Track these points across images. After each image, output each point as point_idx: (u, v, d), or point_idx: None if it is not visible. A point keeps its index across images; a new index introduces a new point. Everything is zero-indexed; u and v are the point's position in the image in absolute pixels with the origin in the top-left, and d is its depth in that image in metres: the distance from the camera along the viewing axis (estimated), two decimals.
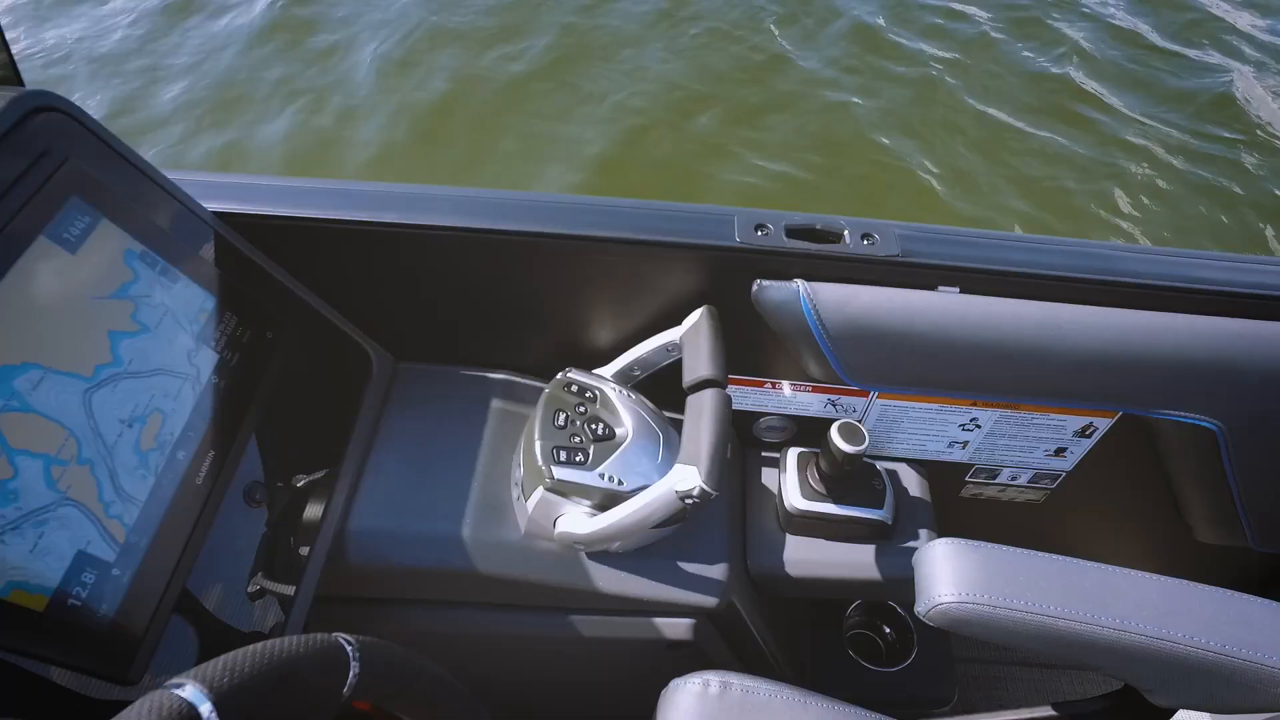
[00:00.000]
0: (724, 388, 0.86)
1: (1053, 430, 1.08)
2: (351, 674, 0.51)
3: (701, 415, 0.82)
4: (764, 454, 1.12)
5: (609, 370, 1.01)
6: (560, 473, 0.87)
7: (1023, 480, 1.16)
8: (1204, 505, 1.09)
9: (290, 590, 0.82)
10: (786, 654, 1.15)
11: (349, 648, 0.52)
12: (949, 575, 0.75)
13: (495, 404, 1.02)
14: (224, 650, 0.47)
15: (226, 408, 0.82)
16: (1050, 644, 0.74)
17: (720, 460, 0.79)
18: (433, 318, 1.01)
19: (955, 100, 3.06)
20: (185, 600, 0.72)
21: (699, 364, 0.87)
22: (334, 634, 0.53)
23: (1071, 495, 1.17)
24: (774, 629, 1.10)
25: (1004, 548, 0.77)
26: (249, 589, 0.80)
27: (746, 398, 1.08)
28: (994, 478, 1.16)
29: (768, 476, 1.09)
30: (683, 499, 0.80)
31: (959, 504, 1.21)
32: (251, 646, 0.47)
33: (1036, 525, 1.24)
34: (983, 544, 0.78)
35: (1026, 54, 3.27)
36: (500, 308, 0.99)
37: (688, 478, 0.79)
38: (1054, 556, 0.77)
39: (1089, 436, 1.08)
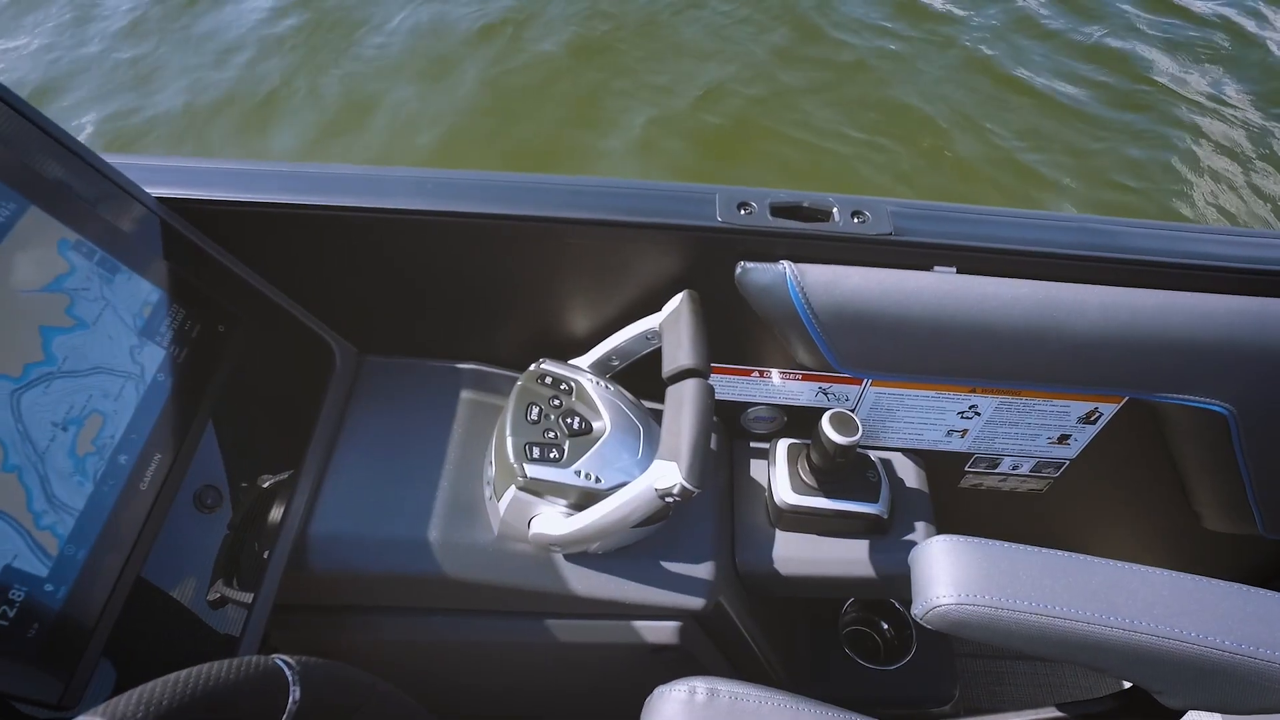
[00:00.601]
0: (706, 377, 0.82)
1: (1056, 417, 1.04)
2: (291, 699, 0.47)
3: (682, 407, 0.79)
4: (752, 445, 1.09)
5: (585, 360, 0.97)
6: (533, 470, 0.84)
7: (1025, 469, 1.13)
8: (1213, 492, 1.06)
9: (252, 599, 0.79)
10: (779, 654, 1.12)
11: (288, 670, 0.48)
12: (946, 575, 0.72)
13: (465, 398, 0.98)
14: (180, 667, 0.43)
15: (175, 407, 0.78)
16: (1055, 646, 0.71)
17: (702, 455, 0.76)
18: (398, 307, 0.98)
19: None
20: (133, 614, 0.68)
21: (679, 352, 0.83)
22: (271, 655, 0.49)
23: (1075, 484, 1.14)
24: (765, 628, 1.07)
25: (1005, 544, 0.74)
26: (209, 597, 0.76)
27: (733, 387, 1.05)
28: (995, 467, 1.13)
29: (756, 470, 1.05)
30: (663, 497, 0.76)
31: (958, 495, 1.17)
32: (173, 675, 0.43)
33: (1039, 515, 1.21)
34: (982, 541, 0.74)
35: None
36: (470, 295, 0.95)
37: (667, 475, 0.75)
38: (1058, 553, 0.74)
39: (1094, 423, 1.05)
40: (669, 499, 0.76)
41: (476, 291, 0.95)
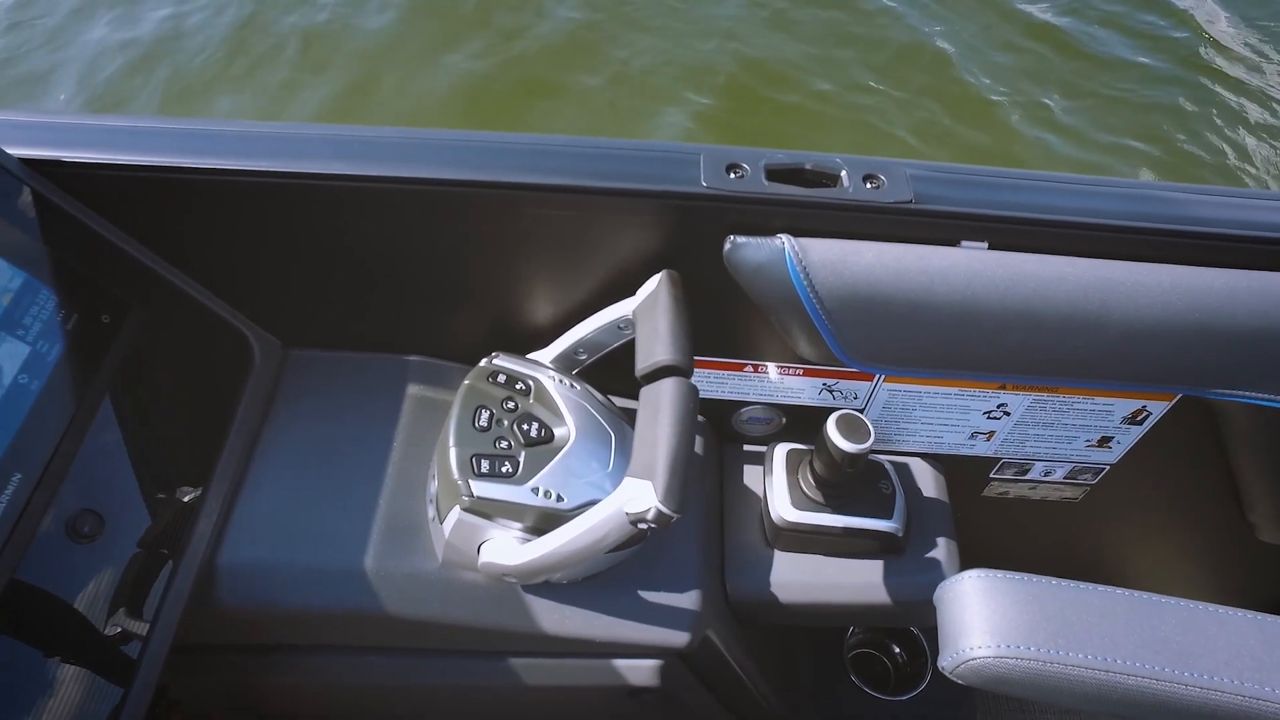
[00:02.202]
0: (688, 375, 0.70)
1: (1097, 416, 0.94)
2: None
3: (658, 413, 0.67)
4: (745, 450, 1.00)
5: (547, 355, 0.86)
6: (481, 488, 0.72)
7: (1058, 476, 1.03)
8: (1273, 501, 0.97)
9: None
10: (776, 684, 1.04)
11: None
12: (982, 621, 0.61)
13: (409, 398, 0.88)
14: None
15: (41, 416, 0.66)
16: (1116, 706, 0.60)
17: (682, 472, 0.65)
18: (328, 293, 0.87)
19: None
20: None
21: (655, 345, 0.71)
22: None
23: (1114, 492, 1.07)
24: (759, 658, 0.98)
25: (1053, 581, 0.63)
26: (109, 631, 0.68)
27: (722, 384, 0.94)
28: (1024, 474, 1.03)
29: (750, 480, 0.97)
30: (635, 523, 0.65)
31: (981, 505, 1.10)
32: None
33: (1072, 527, 1.14)
34: (1025, 577, 0.63)
35: None
36: (412, 277, 0.85)
37: (640, 496, 0.64)
38: (1119, 591, 0.63)
39: (1140, 423, 0.94)
40: (642, 525, 0.65)
41: (419, 273, 0.84)
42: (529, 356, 0.86)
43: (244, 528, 0.79)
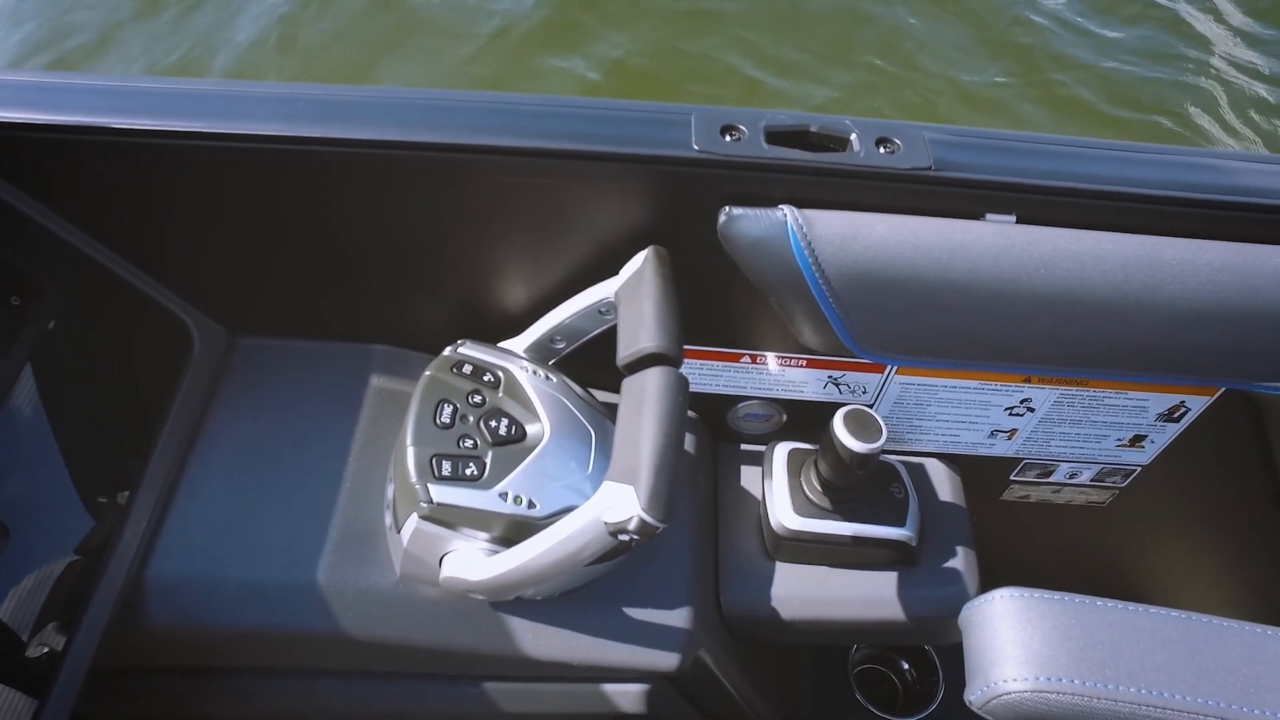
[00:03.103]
0: (677, 364, 0.63)
1: (1130, 413, 0.88)
2: None
3: (642, 407, 0.60)
4: (743, 449, 0.93)
5: (520, 343, 0.79)
6: (442, 493, 0.65)
7: (1085, 478, 0.97)
8: None
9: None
10: (774, 704, 0.97)
11: None
12: (1018, 648, 0.53)
13: (369, 393, 0.81)
14: None
15: None
16: None
17: (668, 475, 0.57)
18: (280, 273, 0.80)
19: None
20: None
21: (639, 330, 0.64)
22: None
23: (1145, 496, 1.00)
24: (757, 676, 0.92)
25: (1096, 601, 0.57)
26: (31, 653, 0.62)
27: (716, 377, 0.86)
28: (1047, 476, 0.97)
29: (748, 482, 0.90)
30: (615, 534, 0.57)
31: (999, 510, 1.03)
32: None
33: (1098, 534, 1.07)
34: (1065, 597, 0.56)
35: None
36: (373, 256, 0.78)
37: (621, 504, 0.57)
38: (1172, 613, 0.56)
39: (1177, 420, 0.88)
40: (623, 536, 0.57)
41: (379, 251, 0.78)
42: (500, 345, 0.79)
43: (177, 537, 0.72)
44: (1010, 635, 0.55)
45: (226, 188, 0.72)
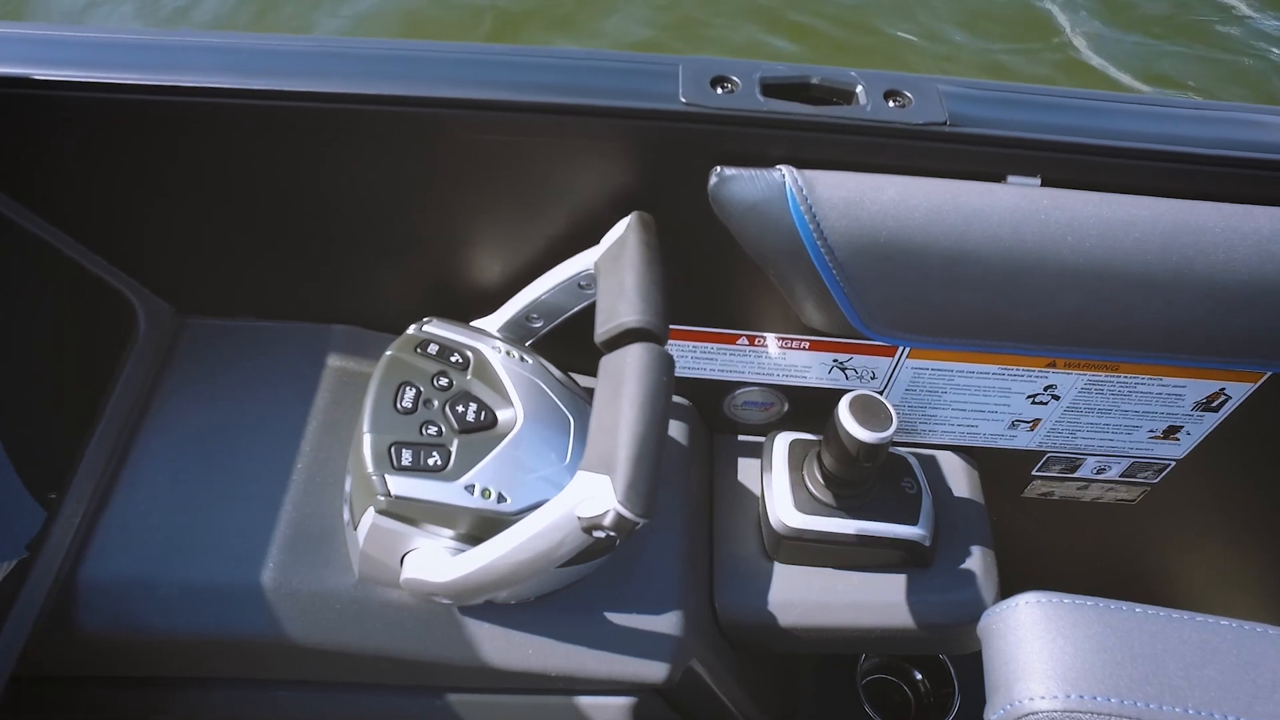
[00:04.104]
0: (661, 341, 0.58)
1: (1165, 401, 0.83)
2: None
3: (621, 389, 0.55)
4: (741, 440, 0.88)
5: (494, 321, 0.74)
6: (401, 484, 0.60)
7: (1113, 473, 0.92)
8: None
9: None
10: (776, 716, 0.93)
11: None
12: (1046, 660, 0.48)
13: (329, 377, 0.77)
14: None
15: None
16: None
17: (649, 464, 0.52)
18: (231, 246, 0.75)
19: None
20: None
21: (619, 303, 0.59)
22: None
23: (1179, 493, 0.95)
24: (755, 687, 0.87)
25: (1134, 608, 0.51)
26: None
27: (710, 361, 0.81)
28: (1073, 471, 0.93)
29: (746, 477, 0.85)
30: (589, 530, 0.52)
31: (1021, 508, 0.99)
32: None
33: (1128, 535, 1.03)
34: (1098, 602, 0.51)
35: None
36: (333, 226, 0.73)
37: (596, 496, 0.52)
38: (1221, 622, 0.50)
39: (1216, 410, 0.83)
40: (598, 533, 0.52)
41: (340, 220, 0.73)
42: (474, 323, 0.73)
43: (115, 534, 0.67)
44: (1037, 646, 0.49)
45: (168, 149, 0.66)
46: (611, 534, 0.52)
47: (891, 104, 0.63)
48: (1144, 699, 0.46)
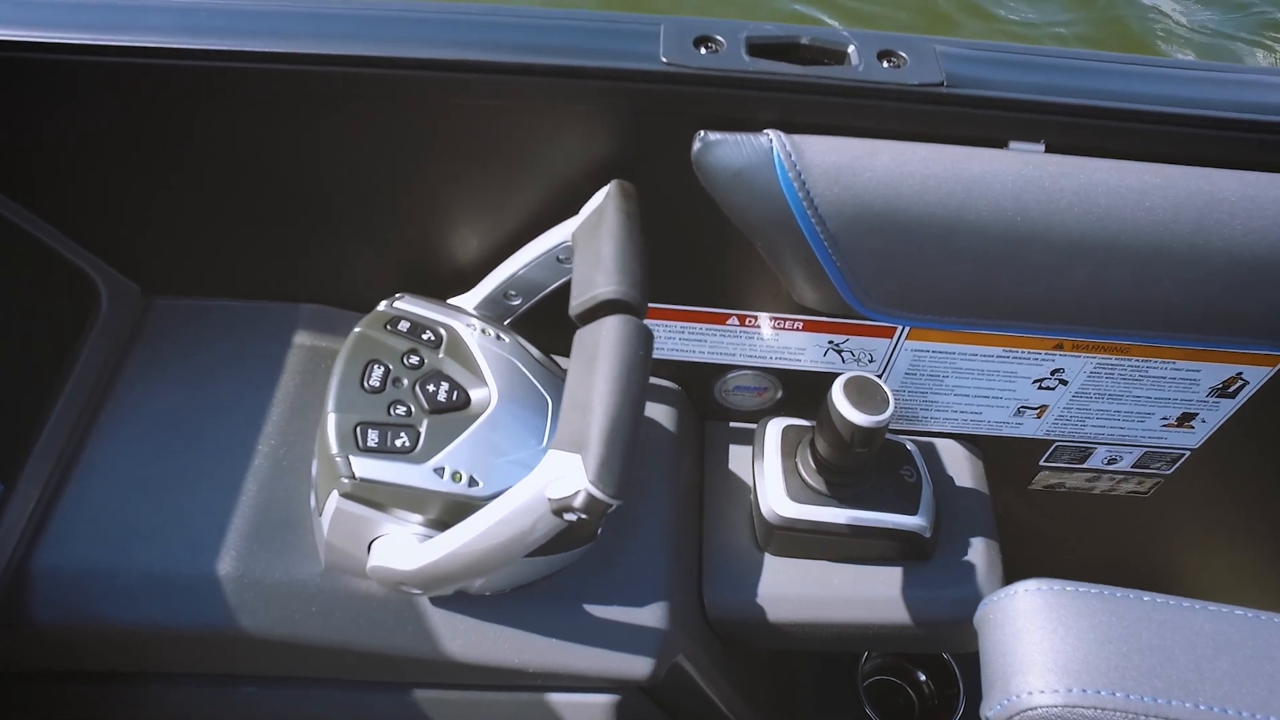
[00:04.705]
0: (639, 314, 0.56)
1: (1178, 386, 0.80)
2: None
3: (595, 363, 0.52)
4: (733, 427, 0.86)
5: (471, 299, 0.72)
6: (366, 466, 0.58)
7: (1125, 464, 0.90)
8: None
9: None
10: (772, 718, 0.91)
11: None
12: (1046, 652, 0.45)
13: (300, 358, 0.75)
14: None
15: None
16: None
17: (623, 443, 0.50)
18: (201, 222, 0.73)
19: None
20: None
21: (595, 273, 0.56)
22: None
23: (1195, 486, 0.93)
24: (748, 686, 0.85)
25: (1142, 596, 0.49)
26: None
27: (700, 342, 0.79)
28: (1082, 461, 0.90)
29: (737, 465, 0.83)
30: (559, 512, 0.50)
31: (1028, 500, 0.96)
32: None
33: (1141, 530, 1.00)
34: (1102, 590, 0.48)
35: None
36: (303, 200, 0.71)
37: (567, 475, 0.49)
38: (1236, 611, 0.47)
39: (1232, 396, 0.81)
40: (570, 515, 0.50)
41: (310, 193, 0.71)
42: (451, 301, 0.71)
43: (71, 521, 0.65)
44: (1037, 636, 0.46)
45: (127, 117, 0.64)
46: (583, 516, 0.50)
47: (885, 65, 0.60)
48: (1152, 693, 0.44)
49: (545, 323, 0.71)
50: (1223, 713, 0.43)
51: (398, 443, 0.60)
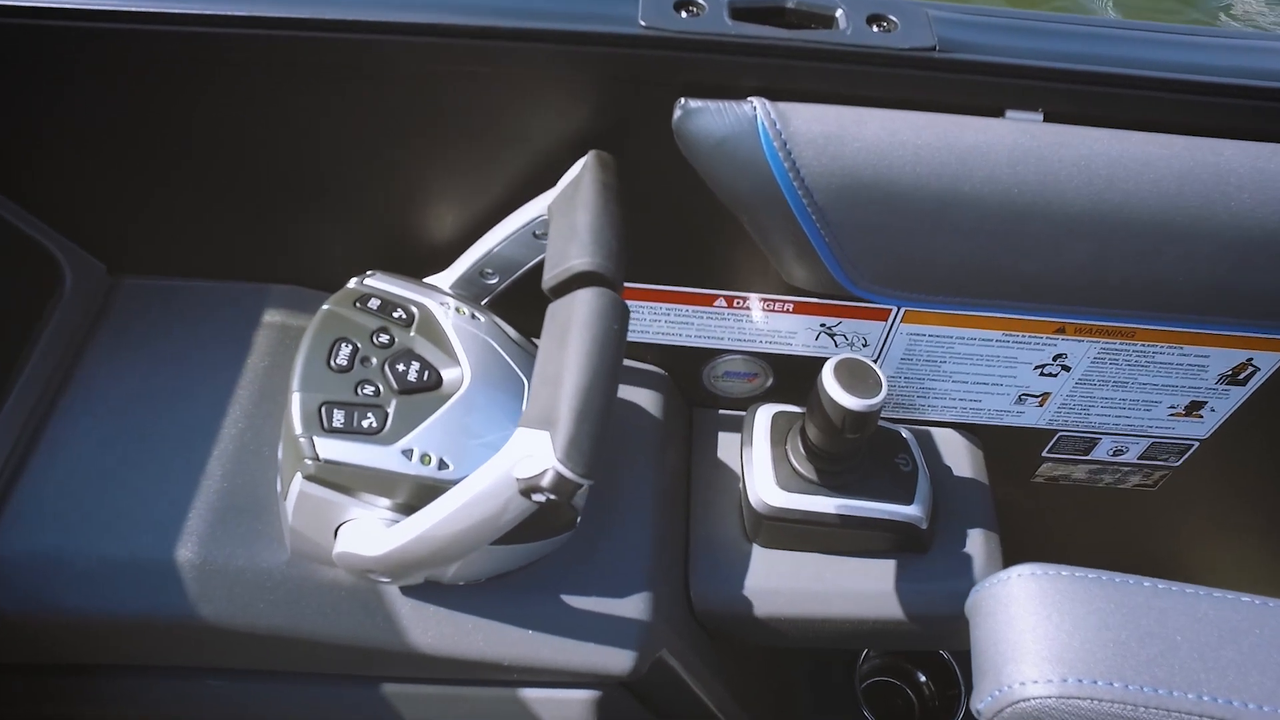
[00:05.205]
0: (614, 287, 0.53)
1: (1186, 373, 0.78)
2: None
3: (566, 337, 0.50)
4: (723, 415, 0.84)
5: (447, 278, 0.70)
6: (330, 448, 0.56)
7: (1131, 455, 0.88)
8: None
9: None
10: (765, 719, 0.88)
11: None
12: (1040, 640, 0.43)
13: (271, 339, 0.73)
14: None
15: None
16: None
17: (594, 420, 0.48)
18: (170, 200, 0.71)
19: None
20: None
21: (569, 246, 0.54)
22: None
23: (1203, 477, 0.91)
24: (738, 684, 0.83)
25: (1142, 582, 0.46)
26: None
27: (686, 325, 0.77)
28: (1087, 452, 0.88)
29: (726, 453, 0.80)
30: (527, 493, 0.48)
31: (1030, 493, 0.94)
32: None
33: (1147, 523, 0.98)
34: (1100, 575, 0.46)
35: None
36: (274, 177, 0.69)
37: (535, 454, 0.47)
38: (1242, 599, 0.45)
39: (1243, 383, 0.78)
40: (538, 496, 0.48)
41: (281, 169, 0.69)
42: (427, 280, 0.69)
43: (27, 506, 0.63)
44: (1030, 623, 0.44)
45: (91, 89, 0.62)
46: (551, 496, 0.48)
47: (875, 29, 0.58)
48: (1152, 683, 0.41)
49: (524, 303, 0.69)
50: (1228, 704, 0.41)
51: (364, 423, 0.58)
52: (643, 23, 0.57)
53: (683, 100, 0.57)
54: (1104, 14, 2.14)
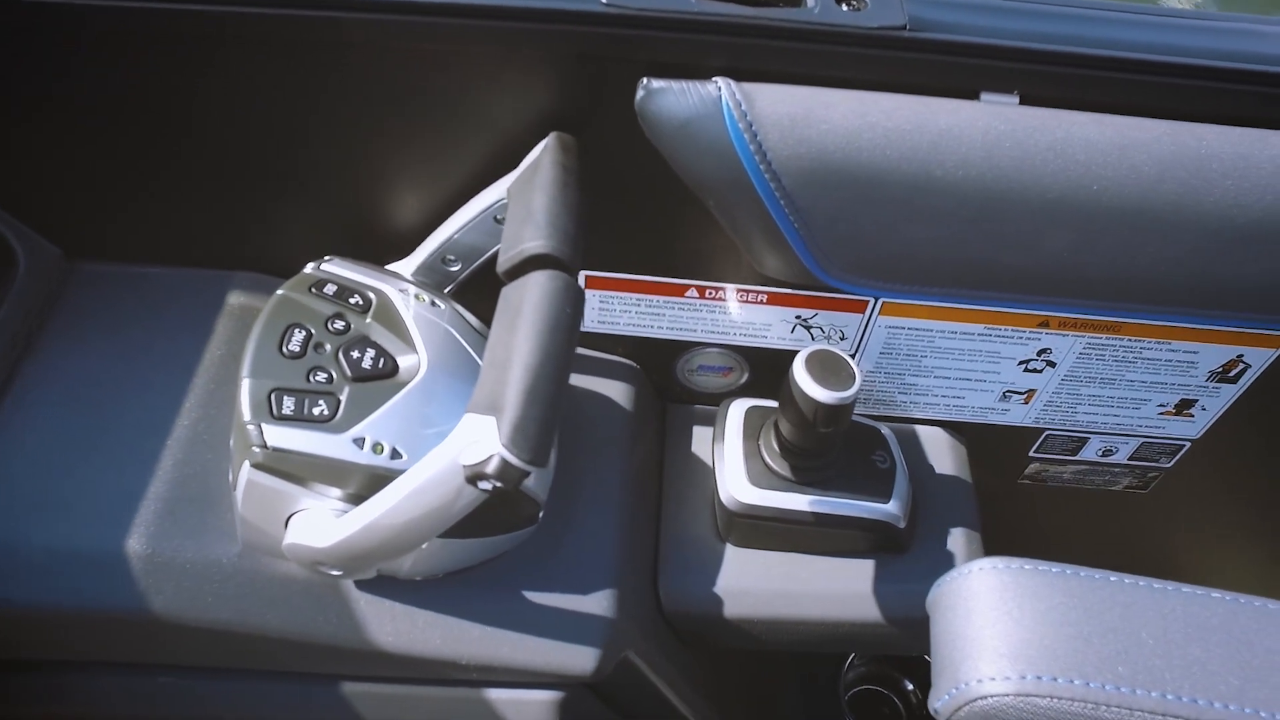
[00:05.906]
0: (569, 270, 0.52)
1: (1175, 370, 0.77)
2: None
3: (517, 321, 0.49)
4: (698, 411, 0.83)
5: (409, 265, 0.69)
6: (279, 435, 0.56)
7: (1121, 456, 0.87)
8: None
9: None
10: None
11: None
12: (999, 635, 0.42)
13: (228, 327, 0.73)
14: None
15: None
16: None
17: (543, 405, 0.47)
18: (127, 184, 0.70)
19: None
20: None
21: (524, 228, 0.53)
22: None
23: (1194, 480, 0.90)
24: (713, 688, 0.82)
25: (1108, 576, 0.45)
26: None
27: (658, 316, 0.76)
28: (1075, 452, 0.87)
29: (699, 448, 0.80)
30: (473, 480, 0.47)
31: (1016, 494, 0.92)
32: None
33: (1137, 526, 0.97)
34: (1063, 569, 0.45)
35: None
36: (232, 160, 0.68)
37: (481, 439, 0.46)
38: (1212, 594, 0.44)
39: (1234, 380, 0.77)
40: (484, 484, 0.47)
41: (240, 152, 0.68)
42: (389, 267, 0.68)
43: None
44: (990, 619, 0.43)
45: (45, 67, 0.62)
46: (497, 484, 0.47)
47: (845, 7, 0.57)
48: (1114, 681, 0.40)
49: (489, 291, 0.68)
50: (1193, 702, 0.40)
51: (315, 411, 0.57)
52: (605, 1, 0.56)
53: (645, 80, 0.57)
54: None
